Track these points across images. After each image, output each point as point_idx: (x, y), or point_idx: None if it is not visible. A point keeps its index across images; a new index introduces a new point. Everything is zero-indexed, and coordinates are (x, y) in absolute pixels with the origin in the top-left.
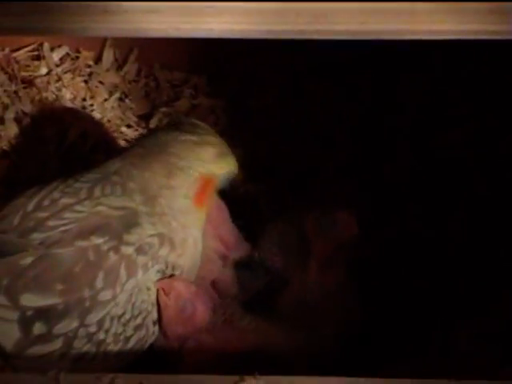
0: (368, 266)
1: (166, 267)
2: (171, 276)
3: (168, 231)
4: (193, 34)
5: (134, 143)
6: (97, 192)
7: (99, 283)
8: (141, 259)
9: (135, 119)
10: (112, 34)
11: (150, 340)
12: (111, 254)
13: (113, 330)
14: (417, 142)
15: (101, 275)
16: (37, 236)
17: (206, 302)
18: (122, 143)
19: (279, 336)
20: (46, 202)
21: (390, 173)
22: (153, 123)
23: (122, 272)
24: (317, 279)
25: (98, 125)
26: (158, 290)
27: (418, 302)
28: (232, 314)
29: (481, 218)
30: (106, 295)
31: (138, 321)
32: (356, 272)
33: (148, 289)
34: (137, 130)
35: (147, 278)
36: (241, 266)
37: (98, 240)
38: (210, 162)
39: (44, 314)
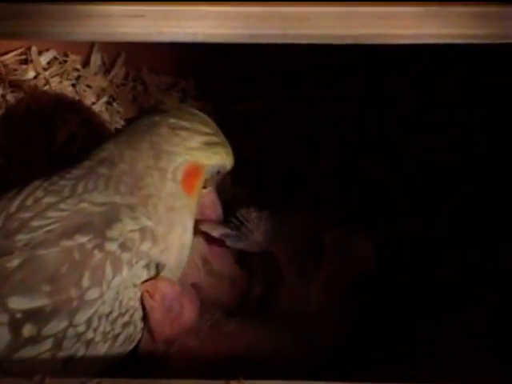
0: None
1: (150, 262)
2: (156, 276)
3: (151, 222)
4: (176, 38)
5: (128, 123)
6: (80, 189)
7: (85, 282)
8: (125, 256)
9: (123, 123)
10: (96, 39)
11: (138, 337)
12: (96, 252)
13: (101, 329)
14: (405, 144)
15: (87, 274)
16: (21, 237)
17: (193, 301)
18: None
19: (267, 341)
20: (28, 202)
21: (379, 175)
22: None
23: (108, 269)
24: (319, 294)
25: (85, 128)
26: (142, 294)
27: (404, 305)
28: (219, 318)
29: (468, 221)
30: (92, 294)
31: (126, 318)
32: None
33: (134, 285)
34: None
35: (133, 275)
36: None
37: (82, 239)
38: (196, 150)
39: (33, 316)
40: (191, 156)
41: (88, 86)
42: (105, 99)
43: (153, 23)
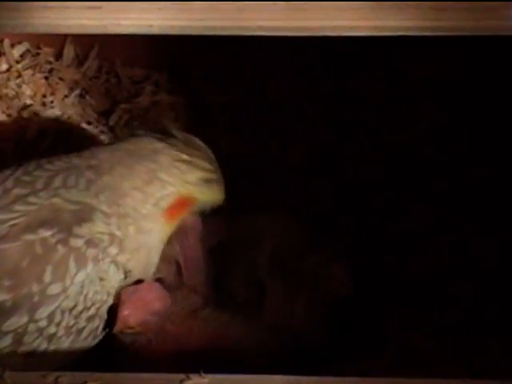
0: None
1: (117, 264)
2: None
3: (121, 234)
4: (132, 30)
5: (126, 139)
6: (57, 182)
7: (47, 277)
8: (91, 252)
9: (95, 116)
10: (51, 31)
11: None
12: (59, 246)
13: (64, 323)
14: (379, 138)
15: (49, 269)
16: None
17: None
18: (82, 140)
19: (241, 326)
20: None
21: (353, 169)
22: (113, 120)
23: (72, 265)
24: (303, 314)
25: (57, 122)
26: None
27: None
28: (195, 304)
29: (443, 214)
30: (55, 289)
31: (92, 312)
32: None
33: (101, 279)
34: (97, 126)
35: (99, 269)
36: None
37: (45, 233)
38: (192, 185)
39: None
40: (185, 189)
41: (61, 79)
42: (77, 92)
43: (109, 15)
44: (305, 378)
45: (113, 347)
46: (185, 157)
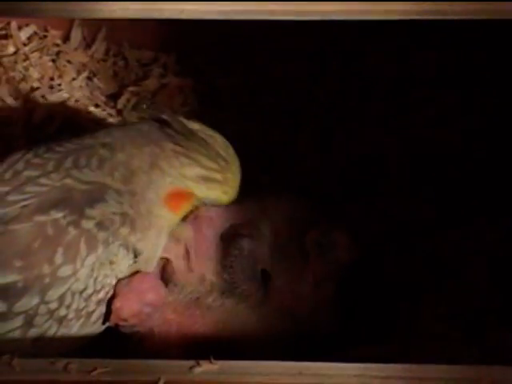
0: None
1: (128, 244)
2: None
3: (133, 212)
4: (141, 14)
5: (141, 121)
6: (68, 163)
7: (59, 259)
8: (101, 235)
9: (103, 98)
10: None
11: None
12: (71, 228)
13: (74, 306)
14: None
15: (60, 250)
16: None
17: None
18: (90, 123)
19: (244, 315)
20: (7, 175)
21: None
22: (121, 103)
23: (82, 247)
24: (310, 294)
25: (65, 105)
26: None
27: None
28: (197, 292)
29: (448, 201)
30: (66, 271)
31: (101, 295)
32: None
33: (111, 263)
34: (104, 109)
35: (109, 252)
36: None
37: (57, 214)
38: (190, 180)
39: (3, 292)
40: (182, 183)
41: (68, 62)
42: (85, 75)
43: None
44: (313, 364)
45: (121, 335)
46: (186, 151)
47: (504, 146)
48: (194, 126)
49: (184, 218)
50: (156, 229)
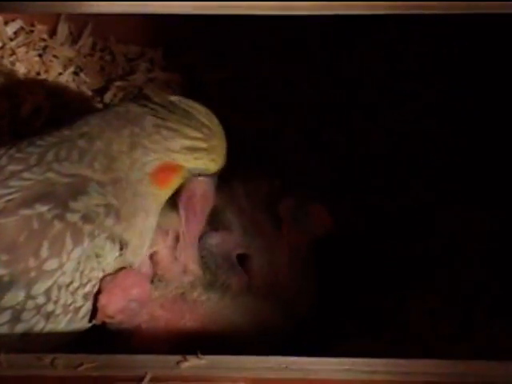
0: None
1: (114, 236)
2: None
3: (118, 202)
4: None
5: (117, 103)
6: (49, 157)
7: (44, 252)
8: (87, 228)
9: (90, 93)
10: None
11: None
12: (56, 222)
13: (62, 301)
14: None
15: (45, 244)
16: None
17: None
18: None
19: (230, 309)
20: None
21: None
22: (107, 97)
23: (68, 240)
24: (286, 263)
25: (52, 99)
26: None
27: (368, 279)
28: (184, 287)
29: (436, 196)
30: (51, 264)
31: (88, 289)
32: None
33: (97, 256)
34: (91, 104)
35: (95, 245)
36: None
37: (42, 208)
38: (175, 152)
39: None
40: (168, 157)
41: (55, 57)
42: (72, 69)
43: None
44: (299, 359)
45: (108, 330)
46: (168, 123)
47: (491, 139)
48: (175, 98)
49: (171, 205)
50: (143, 211)
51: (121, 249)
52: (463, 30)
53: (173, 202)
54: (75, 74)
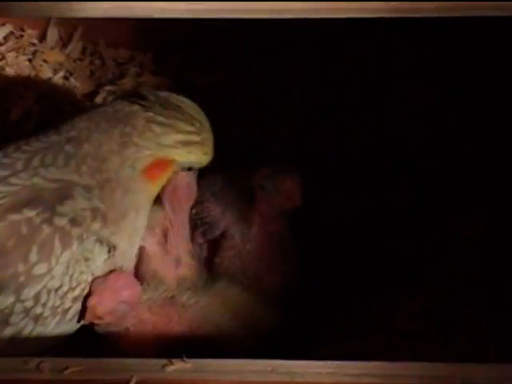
0: (309, 240)
1: (101, 241)
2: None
3: (105, 206)
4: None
5: (103, 104)
6: (35, 162)
7: (33, 257)
8: (75, 231)
9: (80, 98)
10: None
11: None
12: (44, 226)
13: (50, 304)
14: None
15: (34, 249)
16: None
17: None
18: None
19: (219, 312)
20: None
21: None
22: (98, 101)
23: (57, 244)
24: (257, 235)
25: (42, 104)
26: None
27: (356, 279)
28: (172, 290)
29: (425, 194)
30: (41, 269)
31: (77, 292)
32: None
33: (86, 259)
34: (81, 108)
35: (84, 249)
36: None
37: (30, 213)
38: (168, 147)
39: None
40: (161, 152)
41: (45, 61)
42: (62, 74)
43: None
44: (285, 362)
45: (95, 333)
46: (160, 119)
47: (480, 141)
48: (164, 94)
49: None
50: (134, 211)
51: (109, 251)
52: (452, 31)
53: (155, 200)
54: (65, 78)
